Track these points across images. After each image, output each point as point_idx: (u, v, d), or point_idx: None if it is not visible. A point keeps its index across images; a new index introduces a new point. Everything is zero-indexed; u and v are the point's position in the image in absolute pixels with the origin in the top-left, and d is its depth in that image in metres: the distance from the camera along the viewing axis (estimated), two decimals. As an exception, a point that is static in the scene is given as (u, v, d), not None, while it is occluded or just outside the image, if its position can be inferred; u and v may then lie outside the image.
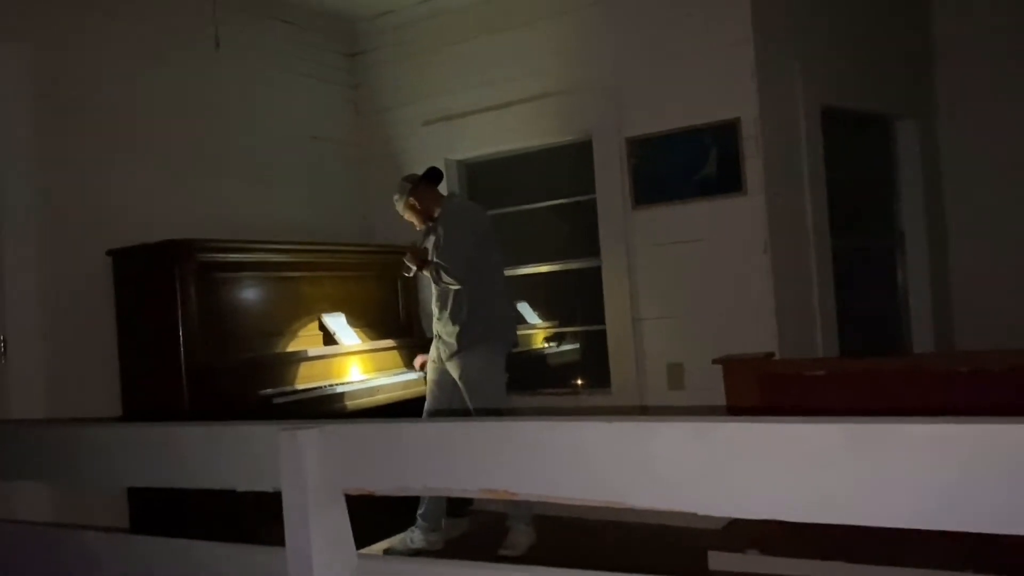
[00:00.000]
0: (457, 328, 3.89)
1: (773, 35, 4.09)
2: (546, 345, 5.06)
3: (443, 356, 3.99)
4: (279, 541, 1.35)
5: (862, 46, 4.69)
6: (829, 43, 4.47)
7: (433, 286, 4.01)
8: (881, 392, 3.31)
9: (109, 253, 3.86)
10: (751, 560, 3.31)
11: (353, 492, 1.33)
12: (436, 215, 4.05)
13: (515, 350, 4.15)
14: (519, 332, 4.29)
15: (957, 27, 5.18)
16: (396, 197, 4.11)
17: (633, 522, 4.00)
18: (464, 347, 3.88)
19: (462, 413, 3.93)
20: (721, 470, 0.99)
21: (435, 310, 4.02)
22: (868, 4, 4.85)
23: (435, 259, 3.94)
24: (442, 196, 4.13)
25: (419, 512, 3.97)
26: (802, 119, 4.23)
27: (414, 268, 4.03)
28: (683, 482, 1.02)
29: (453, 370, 3.95)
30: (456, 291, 3.89)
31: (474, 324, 3.88)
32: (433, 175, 4.14)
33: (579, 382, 4.83)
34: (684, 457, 1.02)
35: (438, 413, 4.00)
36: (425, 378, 4.22)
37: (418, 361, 4.29)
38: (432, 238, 4.04)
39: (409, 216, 4.12)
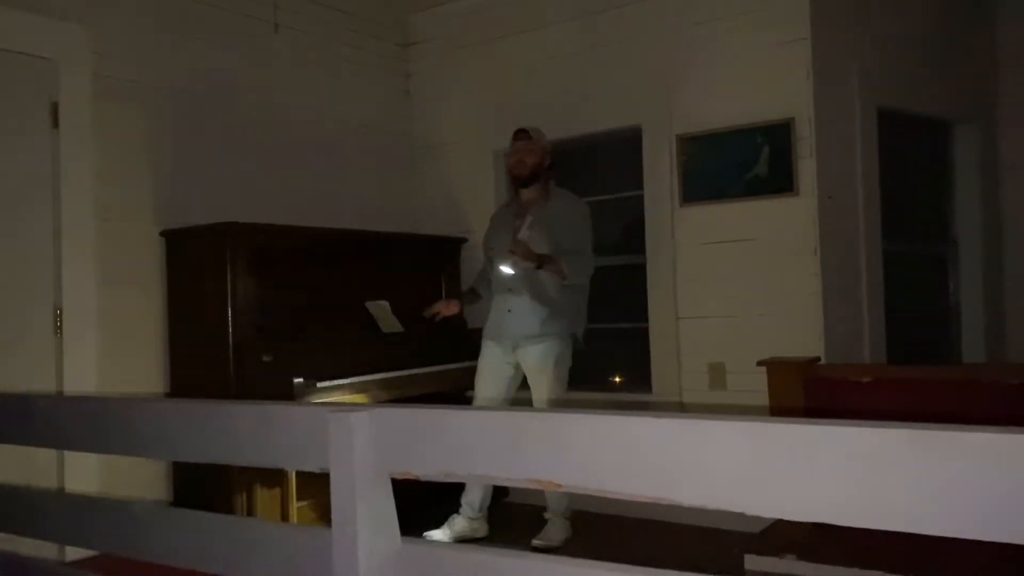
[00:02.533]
0: (557, 313, 3.83)
1: (830, 34, 4.03)
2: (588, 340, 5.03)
3: (515, 337, 3.86)
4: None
5: (922, 48, 4.60)
6: (887, 44, 4.39)
7: (511, 268, 3.85)
8: (928, 402, 3.24)
9: (163, 234, 3.93)
10: (788, 564, 3.27)
11: (399, 476, 1.35)
12: (533, 194, 3.95)
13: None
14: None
15: (1022, 31, 5.05)
16: (535, 133, 4.02)
17: (669, 521, 3.99)
18: (556, 334, 3.83)
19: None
20: (774, 471, 0.98)
21: (518, 286, 3.84)
22: (929, 5, 4.75)
23: (565, 248, 3.80)
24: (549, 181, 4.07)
25: (464, 498, 3.96)
26: (857, 120, 4.16)
27: (530, 265, 3.75)
28: (734, 481, 1.01)
29: (525, 356, 3.86)
30: (580, 283, 3.90)
31: (573, 317, 3.89)
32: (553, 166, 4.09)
33: (619, 379, 4.81)
34: (736, 456, 1.00)
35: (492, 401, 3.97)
36: (434, 319, 4.12)
37: (434, 308, 4.14)
38: (530, 221, 3.89)
39: (518, 166, 3.95)
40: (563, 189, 4.10)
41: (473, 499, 3.95)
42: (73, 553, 3.03)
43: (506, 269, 3.89)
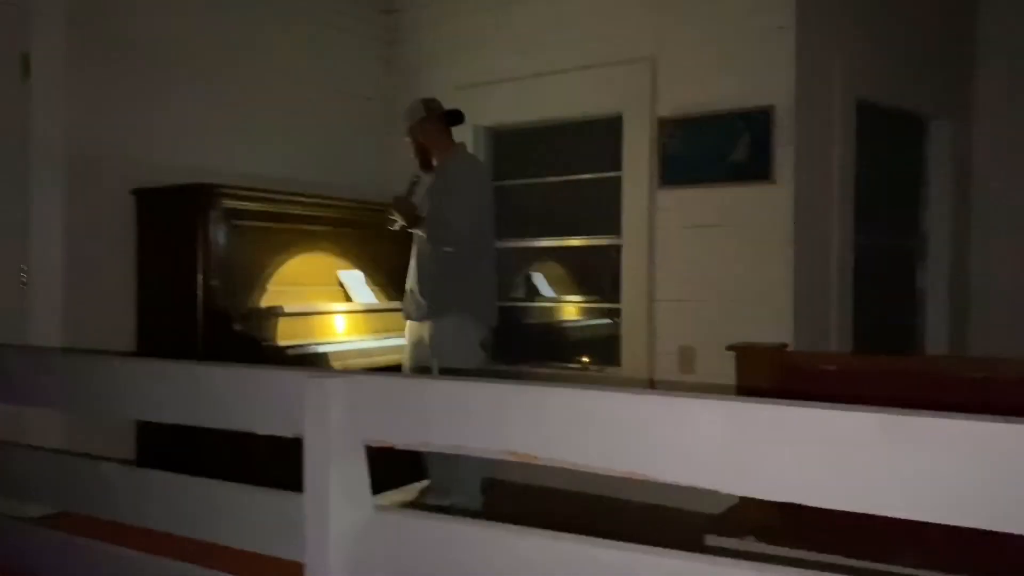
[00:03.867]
0: (436, 291, 3.69)
1: (814, 24, 4.04)
2: (558, 319, 5.06)
3: (412, 314, 3.81)
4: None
5: (903, 43, 4.63)
6: (870, 37, 4.41)
7: (415, 239, 3.79)
8: (891, 391, 3.30)
9: (133, 192, 3.87)
10: (748, 545, 3.33)
11: (374, 444, 1.35)
12: (436, 161, 3.81)
13: (493, 326, 3.94)
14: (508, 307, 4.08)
15: (1000, 30, 5.10)
16: (404, 116, 3.87)
17: (629, 499, 4.03)
18: (439, 313, 3.70)
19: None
20: (748, 451, 1.00)
21: (413, 264, 3.80)
22: (912, 1, 4.78)
23: (434, 215, 3.67)
24: (452, 143, 3.87)
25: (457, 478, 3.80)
26: (837, 111, 4.18)
27: (400, 222, 3.73)
28: (709, 460, 1.03)
29: (424, 332, 3.79)
30: (446, 253, 3.65)
31: (455, 292, 3.68)
32: (455, 116, 3.86)
33: (588, 358, 4.84)
34: (714, 435, 1.02)
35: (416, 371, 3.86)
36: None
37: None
38: (424, 187, 3.77)
39: (408, 141, 3.87)
40: (465, 156, 3.93)
41: (466, 480, 3.82)
42: (36, 511, 2.99)
43: (388, 226, 3.82)
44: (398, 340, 4.30)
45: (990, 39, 5.13)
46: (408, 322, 3.94)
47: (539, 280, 5.04)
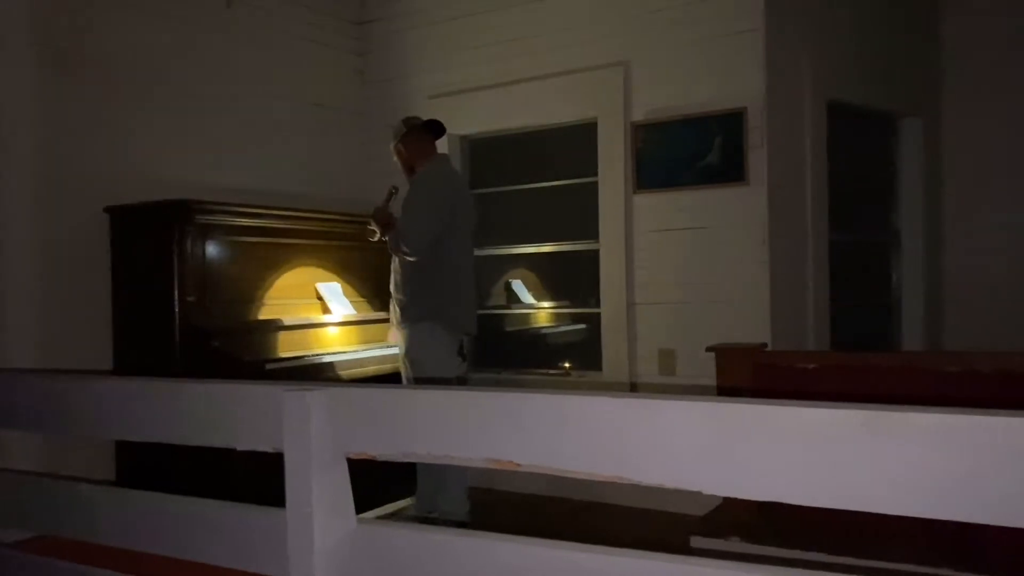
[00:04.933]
0: (405, 299, 3.72)
1: (783, 26, 4.08)
2: (539, 325, 5.06)
3: (393, 321, 3.85)
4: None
5: (871, 43, 4.69)
6: (838, 38, 4.47)
7: (369, 236, 3.87)
8: (870, 387, 3.33)
9: (107, 210, 3.83)
10: (733, 545, 3.34)
11: (355, 456, 1.34)
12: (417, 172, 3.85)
13: (467, 336, 3.93)
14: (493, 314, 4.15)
15: (965, 29, 5.18)
16: (391, 139, 3.94)
17: (615, 503, 4.03)
18: (409, 321, 3.71)
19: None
20: (731, 451, 1.00)
21: (392, 272, 3.85)
22: (879, 2, 4.84)
23: (396, 222, 3.73)
24: (434, 154, 3.91)
25: (440, 495, 3.79)
26: (808, 112, 4.23)
27: (378, 232, 3.82)
28: (692, 461, 1.03)
29: (399, 340, 3.81)
30: (411, 262, 3.68)
31: (423, 300, 3.69)
32: (435, 128, 3.91)
33: (569, 364, 4.84)
34: (693, 436, 1.02)
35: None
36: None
37: (391, 335, 4.11)
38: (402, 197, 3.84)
39: (396, 160, 3.93)
40: (434, 166, 3.90)
41: (450, 495, 3.78)
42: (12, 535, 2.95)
43: (368, 237, 3.92)
44: (381, 350, 4.29)
45: (954, 37, 5.20)
46: (392, 329, 3.94)
47: (519, 286, 5.05)
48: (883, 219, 5.11)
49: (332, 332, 4.26)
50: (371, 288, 4.60)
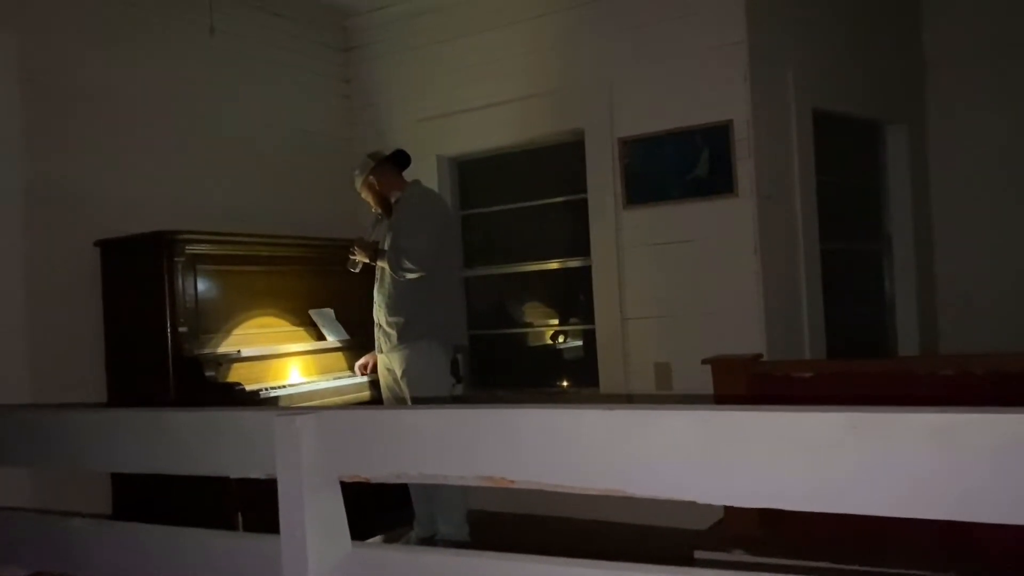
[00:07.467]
0: (401, 320, 3.73)
1: (766, 38, 4.11)
2: (534, 343, 5.06)
3: (383, 347, 3.84)
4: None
5: (854, 52, 4.72)
6: (822, 47, 4.50)
7: (378, 273, 3.86)
8: (868, 394, 3.32)
9: (97, 244, 3.83)
10: (737, 558, 3.32)
11: (348, 479, 1.33)
12: (394, 200, 3.90)
13: (460, 353, 4.00)
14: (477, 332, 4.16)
15: (947, 36, 5.22)
16: (356, 173, 3.97)
17: (618, 521, 4.01)
18: (407, 341, 3.73)
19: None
20: (722, 459, 0.99)
21: (377, 297, 3.85)
22: (861, 11, 4.88)
23: (392, 245, 3.75)
24: (405, 182, 3.97)
25: (440, 515, 3.78)
26: (794, 122, 4.24)
27: (363, 261, 3.85)
28: (684, 471, 1.02)
29: (393, 363, 3.81)
30: (409, 281, 3.70)
31: (421, 318, 3.72)
32: (400, 158, 3.99)
33: (566, 382, 4.83)
34: (685, 446, 1.02)
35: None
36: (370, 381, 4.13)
37: (359, 364, 4.16)
38: (384, 226, 3.90)
39: (365, 196, 3.97)
40: (417, 189, 3.98)
41: (449, 514, 3.77)
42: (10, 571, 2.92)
43: (350, 268, 3.90)
44: (376, 374, 4.26)
45: (936, 44, 5.25)
46: (379, 355, 3.93)
47: (512, 306, 5.04)
48: (874, 226, 5.13)
49: (327, 359, 4.25)
50: (364, 315, 4.58)
